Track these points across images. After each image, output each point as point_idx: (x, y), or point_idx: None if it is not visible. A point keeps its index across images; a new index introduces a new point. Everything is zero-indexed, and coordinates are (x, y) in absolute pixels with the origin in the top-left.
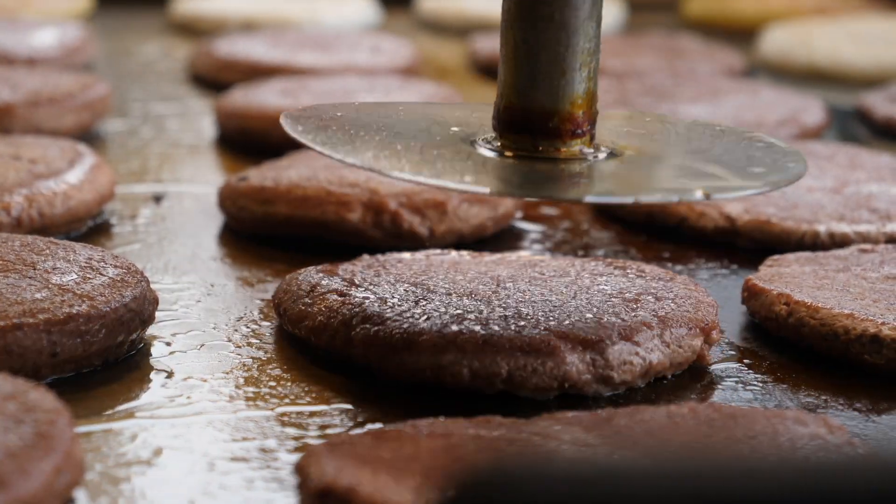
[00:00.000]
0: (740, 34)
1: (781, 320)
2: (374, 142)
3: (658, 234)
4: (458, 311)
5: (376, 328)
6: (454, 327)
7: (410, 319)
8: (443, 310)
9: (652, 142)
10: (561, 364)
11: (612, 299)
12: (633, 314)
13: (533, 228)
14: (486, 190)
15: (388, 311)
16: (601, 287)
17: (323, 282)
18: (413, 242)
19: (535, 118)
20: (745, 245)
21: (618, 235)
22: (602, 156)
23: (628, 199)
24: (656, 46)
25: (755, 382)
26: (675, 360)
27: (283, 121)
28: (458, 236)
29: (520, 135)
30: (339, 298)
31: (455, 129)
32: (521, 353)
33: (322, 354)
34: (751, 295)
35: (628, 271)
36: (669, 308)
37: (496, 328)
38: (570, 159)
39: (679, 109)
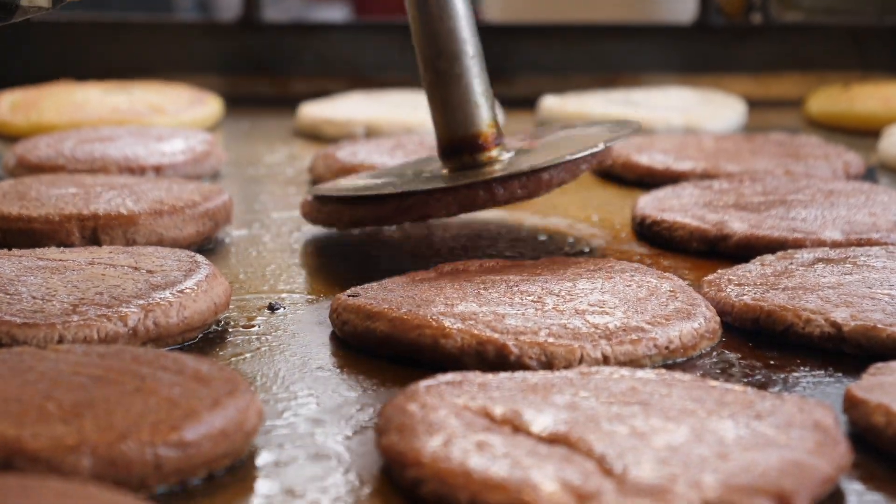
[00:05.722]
0: (862, 133)
1: (880, 431)
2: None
3: (764, 340)
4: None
5: None
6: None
7: None
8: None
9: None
10: None
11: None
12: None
13: None
14: (409, 188)
15: None
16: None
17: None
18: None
19: (466, 141)
20: (851, 351)
21: (723, 343)
22: (512, 153)
23: (555, 160)
24: (775, 147)
25: (852, 493)
26: None
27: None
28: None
29: (455, 156)
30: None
31: (426, 169)
32: None
33: None
34: (850, 404)
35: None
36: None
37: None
38: (492, 161)
39: (790, 213)
